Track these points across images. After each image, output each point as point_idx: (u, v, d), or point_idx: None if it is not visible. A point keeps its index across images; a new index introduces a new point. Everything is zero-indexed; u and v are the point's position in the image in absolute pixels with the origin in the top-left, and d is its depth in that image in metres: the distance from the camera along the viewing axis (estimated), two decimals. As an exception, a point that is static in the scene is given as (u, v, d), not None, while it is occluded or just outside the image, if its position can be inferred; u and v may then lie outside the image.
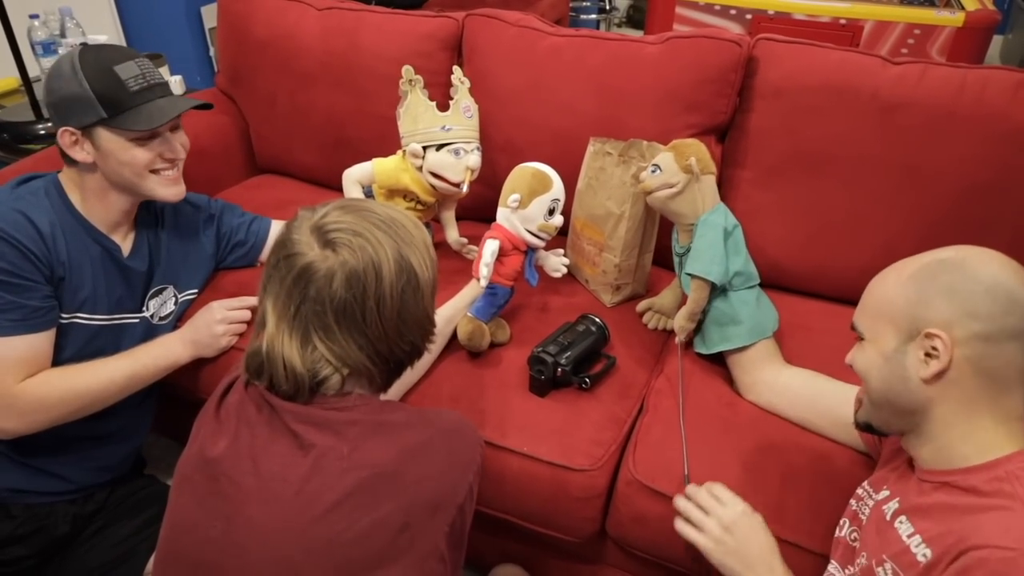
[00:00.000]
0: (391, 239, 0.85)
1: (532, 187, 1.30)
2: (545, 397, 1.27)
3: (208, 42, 2.95)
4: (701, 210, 1.27)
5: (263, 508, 0.79)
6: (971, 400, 0.81)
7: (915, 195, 1.41)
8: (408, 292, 0.85)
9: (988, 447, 0.80)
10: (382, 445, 0.82)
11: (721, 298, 1.28)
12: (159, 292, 1.41)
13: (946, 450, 0.83)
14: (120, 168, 1.23)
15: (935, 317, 0.81)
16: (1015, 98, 1.33)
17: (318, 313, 0.82)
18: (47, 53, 2.06)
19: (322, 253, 0.82)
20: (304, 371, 0.83)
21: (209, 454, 0.85)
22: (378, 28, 1.77)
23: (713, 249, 1.24)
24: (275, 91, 1.90)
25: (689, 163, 1.25)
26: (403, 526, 0.79)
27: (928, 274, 0.83)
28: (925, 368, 0.81)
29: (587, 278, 1.56)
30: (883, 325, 0.86)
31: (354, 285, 0.81)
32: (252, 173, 2.08)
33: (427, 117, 1.46)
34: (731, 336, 1.27)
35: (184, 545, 0.84)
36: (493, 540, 1.41)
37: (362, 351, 0.84)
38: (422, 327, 0.90)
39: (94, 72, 1.18)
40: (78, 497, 1.36)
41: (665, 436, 1.21)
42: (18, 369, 1.18)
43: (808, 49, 1.47)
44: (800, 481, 1.12)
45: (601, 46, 1.59)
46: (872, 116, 1.40)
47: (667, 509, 1.12)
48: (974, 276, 0.81)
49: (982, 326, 0.79)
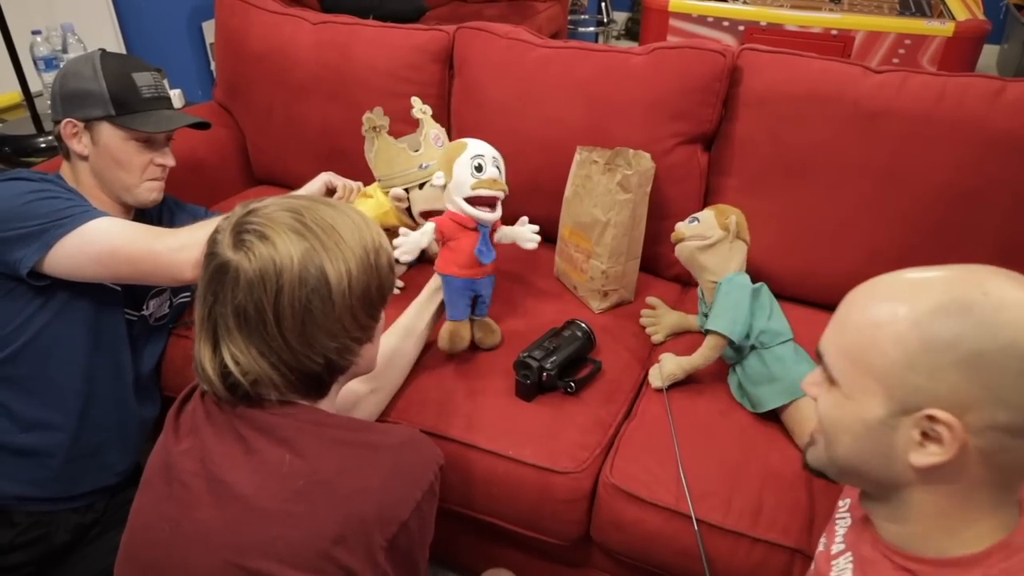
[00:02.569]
0: (307, 244, 0.79)
1: (447, 157, 1.26)
2: (531, 401, 1.28)
3: (209, 56, 2.99)
4: (728, 270, 1.25)
5: (208, 512, 0.79)
6: (969, 491, 0.62)
7: (897, 201, 1.43)
8: (315, 302, 0.79)
9: (973, 541, 0.64)
10: (324, 455, 0.80)
11: (754, 356, 1.24)
12: (159, 292, 1.43)
13: (920, 537, 0.66)
14: (113, 166, 1.28)
15: (946, 395, 0.60)
16: (994, 105, 1.35)
17: (224, 316, 0.79)
18: (49, 68, 2.10)
19: (233, 254, 0.78)
20: (215, 377, 0.80)
21: (167, 458, 0.85)
22: (371, 41, 1.80)
23: (738, 308, 1.20)
24: (271, 103, 1.94)
25: (729, 221, 1.25)
26: (338, 538, 0.76)
27: (942, 327, 0.60)
28: (920, 454, 0.62)
29: (575, 284, 1.58)
30: (868, 383, 0.64)
31: (254, 291, 0.77)
32: (250, 184, 2.11)
33: (402, 160, 1.43)
34: (769, 396, 1.21)
35: (137, 546, 0.84)
36: (481, 545, 1.42)
37: (264, 359, 0.79)
38: (337, 340, 0.83)
39: (113, 74, 1.26)
40: (80, 506, 1.38)
41: (647, 442, 1.22)
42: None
43: (791, 59, 1.50)
44: (779, 481, 1.14)
45: (589, 57, 1.62)
46: (854, 124, 1.43)
47: (643, 514, 1.14)
48: (1014, 345, 0.57)
49: (1009, 416, 0.58)
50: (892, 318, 0.63)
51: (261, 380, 0.81)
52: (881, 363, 0.63)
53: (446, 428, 1.25)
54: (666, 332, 1.47)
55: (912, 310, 0.62)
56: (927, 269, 0.66)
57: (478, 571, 1.39)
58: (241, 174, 2.09)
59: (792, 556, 1.07)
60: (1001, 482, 0.62)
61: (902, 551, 0.67)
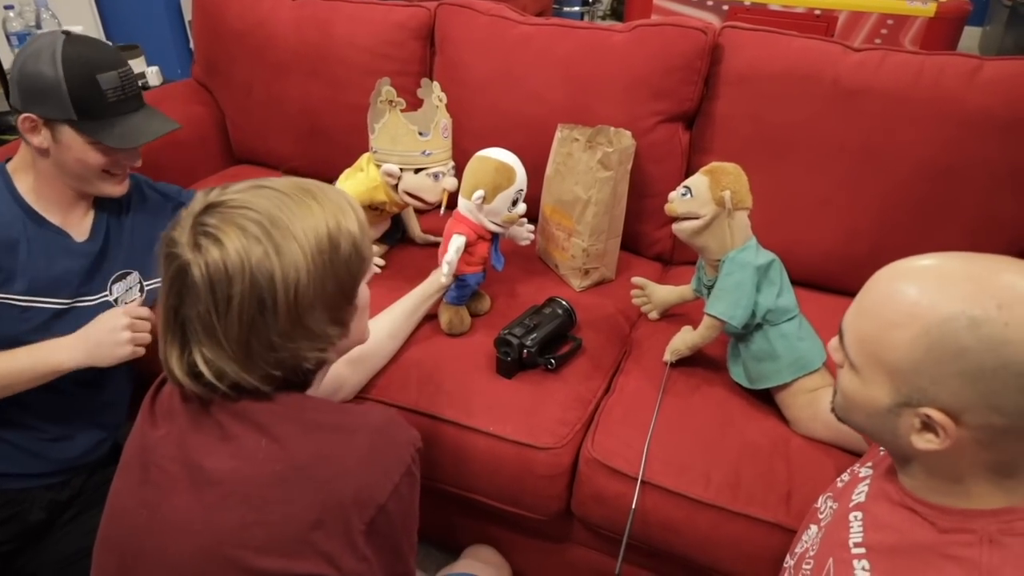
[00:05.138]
0: (261, 248, 0.76)
1: (496, 183, 1.30)
2: (512, 378, 1.29)
3: (188, 34, 2.95)
4: (729, 247, 1.17)
5: (185, 497, 0.78)
6: (970, 465, 0.68)
7: (875, 179, 1.44)
8: (266, 312, 0.77)
9: (975, 498, 0.69)
10: (301, 440, 0.79)
11: (759, 333, 1.19)
12: (123, 276, 1.41)
13: (926, 488, 0.73)
14: (74, 164, 1.23)
15: (946, 399, 0.65)
16: (971, 83, 1.36)
17: (190, 319, 0.77)
18: (22, 44, 2.06)
19: (191, 255, 0.76)
20: (184, 377, 0.79)
21: (144, 443, 0.84)
22: (351, 18, 1.78)
23: (739, 291, 1.15)
24: (251, 81, 1.92)
25: (723, 195, 1.14)
26: (316, 522, 0.76)
27: (952, 340, 0.64)
28: (920, 439, 0.69)
29: (556, 263, 1.58)
30: (880, 375, 0.70)
31: (207, 300, 0.75)
32: (229, 163, 2.09)
33: (407, 141, 1.40)
34: (768, 373, 1.19)
35: (115, 531, 0.84)
36: (464, 521, 1.43)
37: (236, 363, 0.78)
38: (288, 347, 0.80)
39: (74, 73, 1.16)
40: (55, 483, 1.37)
41: (627, 418, 1.23)
42: None
43: (772, 37, 1.50)
44: (756, 456, 1.15)
45: (570, 35, 1.62)
46: (834, 102, 1.43)
47: (624, 488, 1.15)
48: (1015, 363, 0.62)
49: (1004, 421, 0.64)
50: (908, 321, 0.67)
51: (239, 382, 0.79)
52: (891, 359, 0.68)
53: (428, 405, 1.25)
54: (661, 308, 1.47)
55: (927, 318, 0.65)
56: (952, 264, 0.68)
57: (460, 547, 1.41)
58: (220, 153, 2.07)
59: (771, 529, 1.09)
60: (1002, 461, 0.67)
61: (912, 494, 0.74)
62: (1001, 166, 1.37)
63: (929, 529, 0.71)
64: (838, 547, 0.78)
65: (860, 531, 0.77)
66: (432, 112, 1.43)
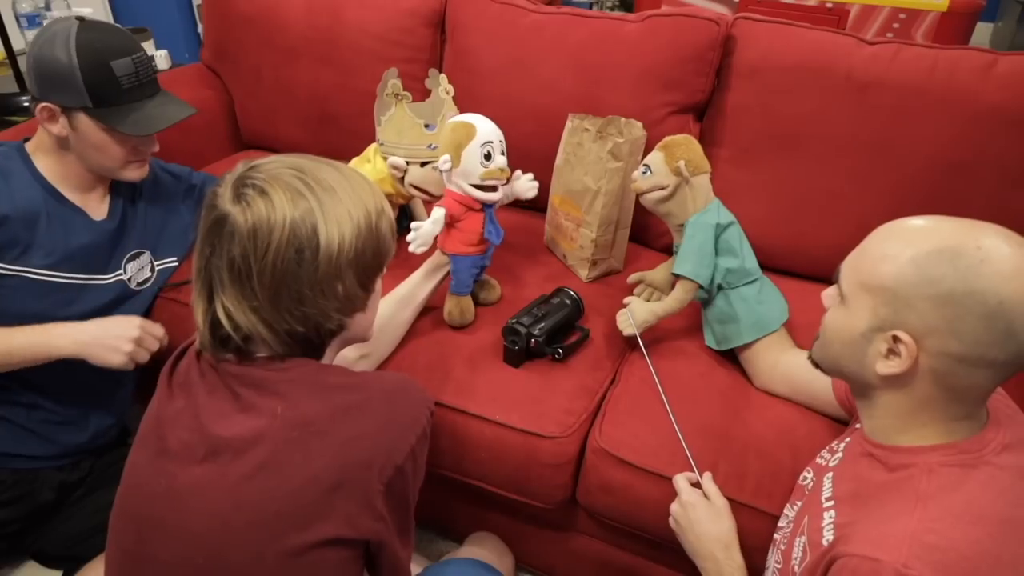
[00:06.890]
0: (305, 204, 0.79)
1: (456, 141, 1.23)
2: (519, 367, 1.29)
3: (196, 17, 2.94)
4: (691, 211, 1.23)
5: (203, 467, 0.79)
6: (920, 401, 0.78)
7: (888, 173, 1.43)
8: (302, 263, 0.79)
9: (919, 438, 0.79)
10: (317, 404, 0.81)
11: (720, 296, 1.26)
12: (136, 256, 1.42)
13: (881, 429, 0.83)
14: (93, 151, 1.24)
15: (913, 322, 0.74)
16: (985, 78, 1.35)
17: (219, 269, 0.80)
18: (32, 26, 2.06)
19: (232, 206, 0.78)
20: (204, 328, 0.81)
21: (161, 414, 0.85)
22: (361, 4, 1.78)
23: (701, 251, 1.21)
24: (260, 66, 1.91)
25: (678, 166, 1.20)
26: (336, 484, 0.77)
27: (933, 267, 0.72)
28: (883, 364, 0.78)
29: (564, 253, 1.58)
30: (864, 299, 0.79)
31: (246, 245, 0.77)
32: (237, 148, 2.09)
33: (413, 134, 1.40)
34: (731, 335, 1.26)
35: (132, 502, 0.85)
36: (468, 508, 1.44)
37: (255, 314, 0.80)
38: (324, 304, 0.82)
39: (89, 60, 1.17)
40: (65, 464, 1.38)
41: (634, 407, 1.23)
42: None
43: (785, 28, 1.49)
44: (763, 447, 1.15)
45: (582, 24, 1.61)
46: (846, 95, 1.42)
47: (632, 478, 1.15)
48: (981, 293, 0.70)
49: (961, 348, 0.72)
50: (898, 253, 0.76)
51: (252, 336, 0.81)
52: (878, 284, 0.77)
53: (435, 393, 1.25)
54: (665, 288, 1.43)
55: (916, 251, 0.74)
56: (944, 218, 0.78)
57: (464, 535, 1.41)
58: (229, 138, 2.07)
59: (775, 521, 1.08)
60: (949, 399, 0.76)
61: (870, 439, 0.85)
62: (1013, 162, 1.36)
63: (881, 469, 0.81)
64: (813, 505, 0.88)
65: (830, 487, 0.87)
66: (439, 104, 1.43)
